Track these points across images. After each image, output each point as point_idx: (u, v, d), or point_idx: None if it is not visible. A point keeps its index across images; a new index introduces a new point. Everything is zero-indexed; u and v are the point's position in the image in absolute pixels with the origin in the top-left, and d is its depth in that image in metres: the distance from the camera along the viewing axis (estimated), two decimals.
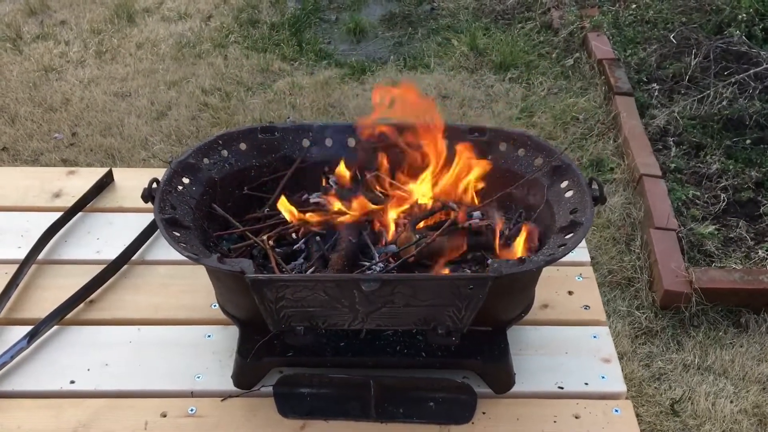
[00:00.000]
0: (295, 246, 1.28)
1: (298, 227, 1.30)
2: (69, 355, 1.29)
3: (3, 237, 1.54)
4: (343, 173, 1.35)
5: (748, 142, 2.91)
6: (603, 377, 1.26)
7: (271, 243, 1.25)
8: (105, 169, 1.68)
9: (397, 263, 1.21)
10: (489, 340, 1.23)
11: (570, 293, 1.41)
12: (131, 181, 1.69)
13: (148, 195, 1.20)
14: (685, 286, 2.31)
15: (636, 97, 3.19)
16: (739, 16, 3.32)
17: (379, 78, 3.55)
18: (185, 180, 1.28)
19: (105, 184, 1.67)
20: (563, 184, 1.27)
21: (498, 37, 3.82)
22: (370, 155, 1.37)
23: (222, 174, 1.34)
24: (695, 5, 3.62)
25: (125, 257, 1.47)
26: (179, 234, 1.17)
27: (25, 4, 4.16)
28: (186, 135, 3.16)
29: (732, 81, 3.07)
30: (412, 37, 3.94)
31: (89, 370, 1.27)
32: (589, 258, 1.50)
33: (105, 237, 1.54)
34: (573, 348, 1.31)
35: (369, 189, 1.37)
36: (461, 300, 1.09)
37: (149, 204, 1.21)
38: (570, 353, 1.30)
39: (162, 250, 1.51)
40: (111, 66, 3.67)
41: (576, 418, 1.20)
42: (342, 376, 1.21)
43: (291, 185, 1.38)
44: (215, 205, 1.30)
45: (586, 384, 1.25)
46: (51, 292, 1.39)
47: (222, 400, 1.22)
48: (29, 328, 1.30)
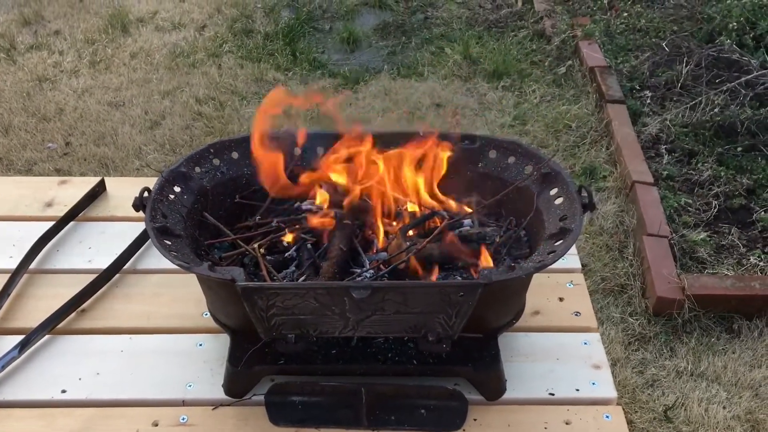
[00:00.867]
0: (287, 254, 1.28)
1: (293, 231, 1.30)
2: (60, 365, 1.29)
3: None
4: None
5: (739, 149, 2.93)
6: (594, 383, 1.26)
7: (262, 251, 1.26)
8: (97, 179, 1.68)
9: (387, 270, 1.21)
10: (480, 347, 1.23)
11: (561, 300, 1.42)
12: (123, 191, 1.69)
13: (139, 204, 1.21)
14: (678, 292, 2.32)
15: (628, 105, 3.21)
16: (730, 24, 3.35)
17: (373, 87, 3.56)
18: (176, 189, 1.28)
19: (97, 193, 1.67)
20: (553, 191, 1.27)
21: (491, 46, 3.84)
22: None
23: (213, 182, 1.34)
24: (686, 14, 3.65)
25: (117, 266, 1.47)
26: (170, 243, 1.17)
27: (19, 14, 4.17)
28: (180, 144, 3.16)
29: (723, 89, 3.09)
30: (405, 46, 3.96)
31: (81, 379, 1.27)
32: (580, 265, 1.51)
33: (97, 246, 1.54)
34: (564, 354, 1.31)
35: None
36: (451, 307, 1.09)
37: (141, 213, 1.21)
38: (561, 360, 1.30)
39: (154, 259, 1.51)
40: (105, 76, 3.68)
41: (567, 424, 1.20)
42: (333, 384, 1.21)
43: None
44: (206, 214, 1.31)
45: (577, 390, 1.25)
46: (43, 301, 1.39)
47: (213, 408, 1.22)
48: (21, 337, 1.30)
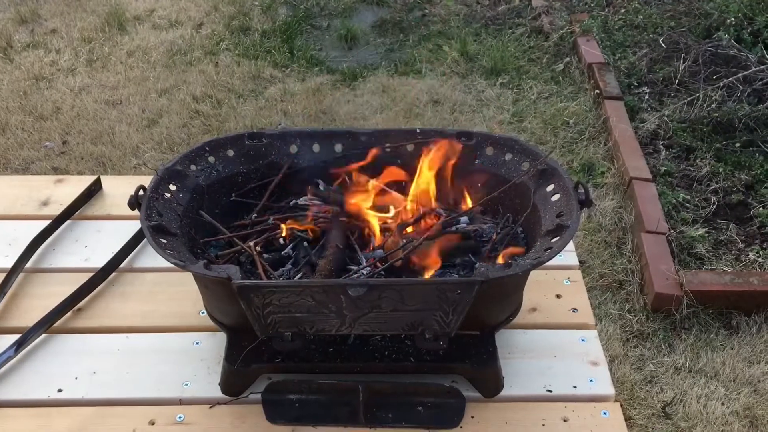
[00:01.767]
0: (283, 252, 1.28)
1: (288, 232, 1.30)
2: (57, 364, 1.29)
3: None
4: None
5: (737, 145, 2.93)
6: (591, 380, 1.26)
7: (259, 249, 1.25)
8: (93, 177, 1.68)
9: (384, 267, 1.21)
10: (477, 344, 1.23)
11: (558, 297, 1.42)
12: (120, 189, 1.69)
13: (134, 202, 1.20)
14: (676, 288, 2.32)
15: (626, 101, 3.21)
16: (728, 20, 3.34)
17: (370, 84, 3.56)
18: (172, 187, 1.28)
19: (93, 191, 1.66)
20: (549, 187, 1.27)
21: (489, 43, 3.84)
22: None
23: (209, 181, 1.34)
24: (684, 9, 3.64)
25: (113, 265, 1.46)
26: (166, 241, 1.17)
27: (16, 12, 4.16)
28: (177, 142, 3.16)
29: (721, 84, 3.09)
30: (403, 44, 3.95)
31: (77, 378, 1.26)
32: (578, 261, 1.50)
33: (93, 245, 1.54)
34: (561, 351, 1.31)
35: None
36: (448, 304, 1.09)
37: (137, 211, 1.20)
38: (558, 356, 1.30)
39: (150, 257, 1.50)
40: (102, 74, 3.67)
41: (564, 421, 1.20)
42: (330, 381, 1.20)
43: (278, 191, 1.38)
44: (202, 212, 1.30)
45: (574, 387, 1.25)
46: (39, 300, 1.39)
47: (210, 407, 1.21)
48: (17, 336, 1.30)
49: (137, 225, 1.51)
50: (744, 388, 2.12)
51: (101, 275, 1.43)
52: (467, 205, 1.35)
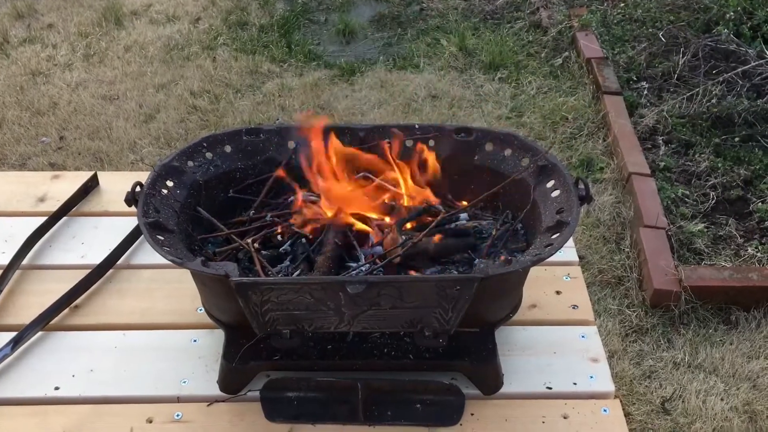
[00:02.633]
0: (281, 248, 1.27)
1: (284, 230, 1.29)
2: (54, 362, 1.28)
3: None
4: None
5: (736, 140, 2.92)
6: (591, 377, 1.25)
7: (256, 246, 1.25)
8: (90, 173, 1.67)
9: (383, 264, 1.20)
10: (477, 341, 1.22)
11: (558, 293, 1.41)
12: (117, 185, 1.68)
13: (131, 198, 1.19)
14: (675, 284, 2.32)
15: (625, 96, 3.20)
16: (727, 14, 3.33)
17: (369, 79, 3.54)
18: (169, 183, 1.27)
19: (90, 188, 1.65)
20: (549, 183, 1.26)
21: (487, 37, 3.82)
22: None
23: (207, 177, 1.33)
24: (683, 3, 3.63)
25: (110, 262, 1.45)
26: (163, 238, 1.16)
27: (12, 7, 4.14)
28: (175, 138, 3.15)
29: (720, 79, 3.08)
30: (401, 38, 3.94)
31: (74, 376, 1.25)
32: (577, 258, 1.49)
33: (90, 241, 1.53)
34: (561, 348, 1.30)
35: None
36: (447, 301, 1.08)
37: (134, 208, 1.19)
38: (558, 353, 1.29)
39: (147, 254, 1.49)
40: (99, 69, 3.65)
41: (564, 418, 1.19)
42: (329, 379, 1.20)
43: (276, 187, 1.37)
44: (200, 208, 1.29)
45: (574, 384, 1.24)
46: (35, 297, 1.38)
47: (208, 405, 1.21)
48: (13, 334, 1.29)
49: (134, 221, 1.50)
50: (743, 383, 2.12)
51: (98, 272, 1.43)
52: (466, 202, 1.34)
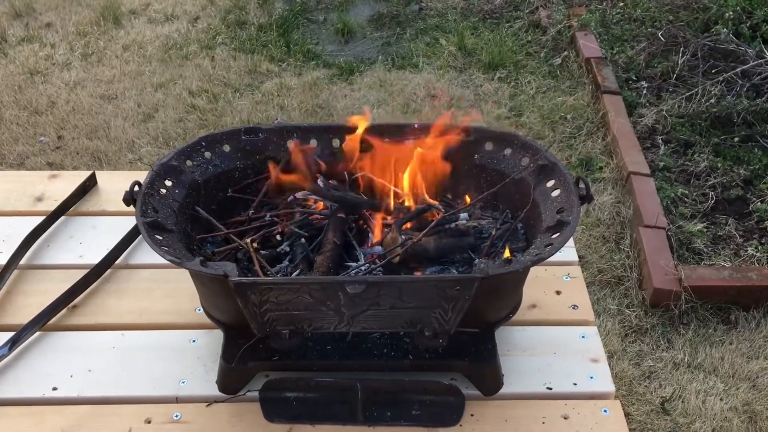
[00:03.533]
0: (280, 248, 1.26)
1: (282, 229, 1.28)
2: (51, 362, 1.27)
3: None
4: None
5: (736, 139, 2.92)
6: (591, 377, 1.25)
7: (255, 245, 1.24)
8: (88, 173, 1.66)
9: (382, 263, 1.20)
10: (477, 341, 1.21)
11: (558, 293, 1.41)
12: (115, 185, 1.67)
13: (130, 198, 1.19)
14: (675, 284, 2.31)
15: (624, 96, 3.19)
16: (726, 13, 3.32)
17: (367, 78, 3.54)
18: (168, 183, 1.26)
19: (88, 187, 1.65)
20: (550, 183, 1.26)
21: (486, 37, 3.82)
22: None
23: (205, 176, 1.32)
24: (682, 3, 3.62)
25: (108, 261, 1.45)
26: (161, 237, 1.15)
27: (10, 6, 4.12)
28: (173, 137, 3.14)
29: (720, 79, 3.08)
30: (400, 37, 3.93)
31: (72, 376, 1.25)
32: (577, 257, 1.49)
33: (88, 241, 1.52)
34: (561, 348, 1.30)
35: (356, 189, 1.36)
36: (447, 301, 1.08)
37: (132, 207, 1.19)
38: (558, 354, 1.29)
39: (145, 254, 1.49)
40: (97, 68, 3.64)
41: (565, 418, 1.19)
42: (328, 379, 1.19)
43: (275, 187, 1.37)
44: (198, 208, 1.29)
45: (574, 384, 1.24)
46: (33, 297, 1.37)
47: (207, 405, 1.20)
48: (11, 334, 1.28)
49: (132, 221, 1.48)
50: (743, 383, 2.12)
51: (96, 272, 1.42)
52: (466, 201, 1.34)
